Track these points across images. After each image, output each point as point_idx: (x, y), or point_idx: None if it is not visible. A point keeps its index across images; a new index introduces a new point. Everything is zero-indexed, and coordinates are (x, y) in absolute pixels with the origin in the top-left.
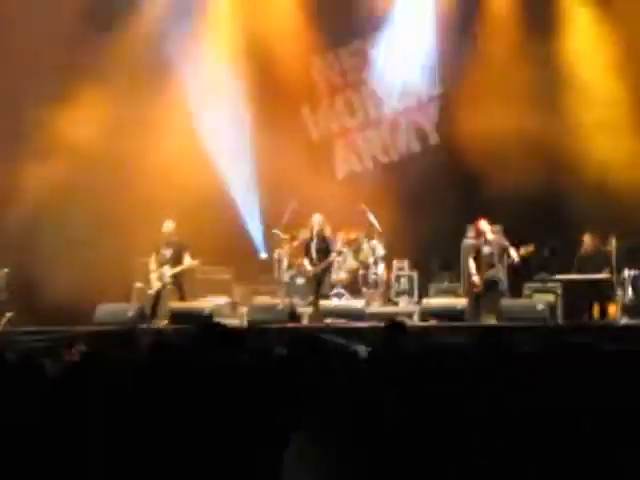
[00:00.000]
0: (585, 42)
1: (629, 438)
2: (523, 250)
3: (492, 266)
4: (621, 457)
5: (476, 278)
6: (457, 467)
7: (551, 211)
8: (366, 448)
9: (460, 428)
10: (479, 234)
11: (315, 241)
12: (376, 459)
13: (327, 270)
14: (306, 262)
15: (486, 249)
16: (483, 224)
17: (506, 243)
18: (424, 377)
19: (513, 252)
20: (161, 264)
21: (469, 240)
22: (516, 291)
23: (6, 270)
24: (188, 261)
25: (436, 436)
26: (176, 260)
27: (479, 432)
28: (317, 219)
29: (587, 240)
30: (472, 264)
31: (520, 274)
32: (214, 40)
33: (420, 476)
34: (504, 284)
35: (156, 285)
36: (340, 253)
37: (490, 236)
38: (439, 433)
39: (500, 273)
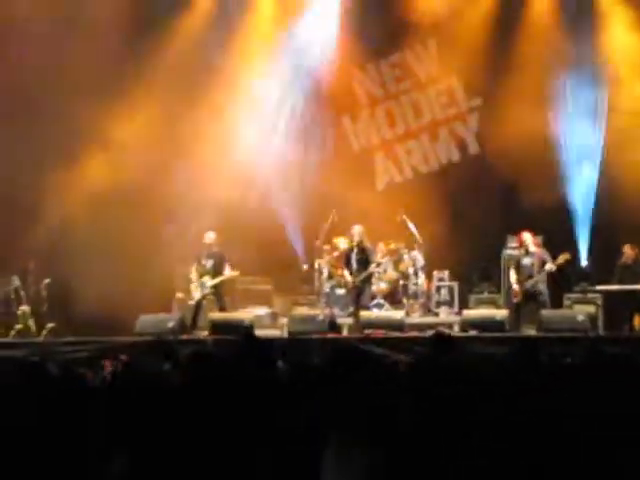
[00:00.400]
0: (623, 42)
1: None
2: (560, 259)
3: (532, 277)
4: None
5: (516, 287)
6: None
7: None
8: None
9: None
10: (521, 245)
11: (355, 252)
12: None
13: (367, 281)
14: (346, 273)
15: (526, 260)
16: (526, 236)
17: (546, 255)
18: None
19: (549, 264)
20: (201, 275)
21: (510, 251)
22: (556, 302)
23: (47, 281)
24: (228, 272)
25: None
26: (217, 271)
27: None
28: (357, 230)
29: (628, 250)
30: (513, 275)
31: (560, 285)
32: (256, 52)
33: None
34: (544, 295)
35: (196, 295)
36: (379, 264)
37: (532, 248)
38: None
39: (540, 284)
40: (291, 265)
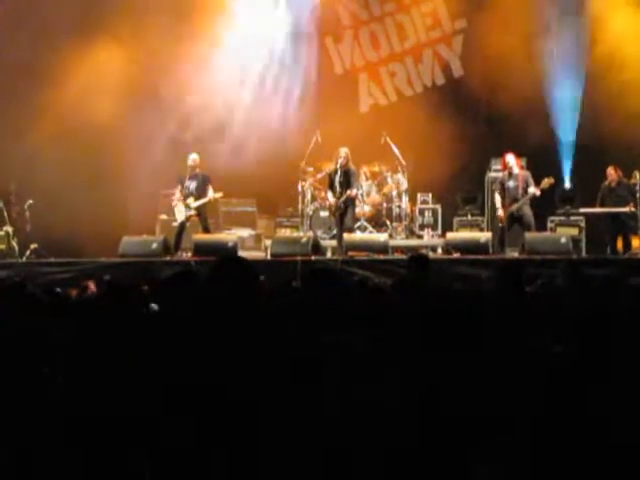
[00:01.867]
0: None
1: None
2: (544, 183)
3: (516, 200)
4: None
5: (501, 212)
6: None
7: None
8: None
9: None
10: (505, 168)
11: (338, 174)
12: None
13: (350, 203)
14: (329, 195)
15: (511, 183)
16: (509, 157)
17: (530, 178)
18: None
19: (532, 188)
20: (185, 197)
21: (494, 174)
22: (540, 224)
23: (30, 201)
24: (212, 193)
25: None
26: (200, 192)
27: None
28: (343, 152)
29: (611, 172)
30: (498, 198)
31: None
32: None
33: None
34: (529, 218)
35: (180, 217)
36: (361, 187)
37: (516, 170)
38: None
39: (525, 207)
40: (275, 187)
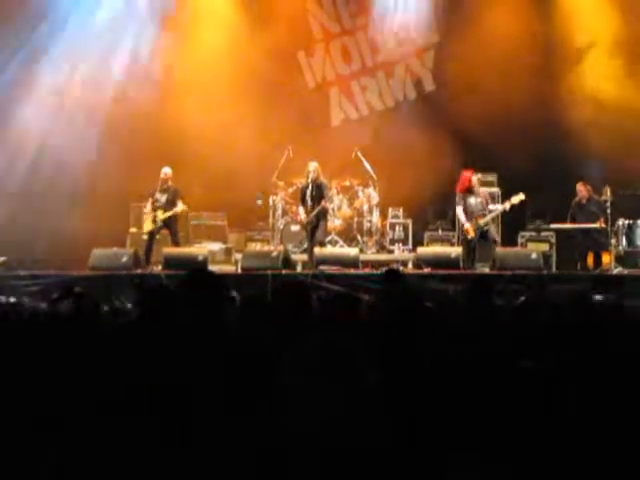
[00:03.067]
0: None
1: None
2: (514, 199)
3: (483, 215)
4: None
5: (467, 226)
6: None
7: (547, 161)
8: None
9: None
10: (464, 186)
11: (310, 188)
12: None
13: (322, 217)
14: (300, 210)
15: (472, 200)
16: (467, 175)
17: (488, 195)
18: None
19: (506, 203)
20: (155, 209)
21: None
22: (510, 240)
23: None
24: (180, 207)
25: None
26: (170, 205)
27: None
28: (313, 166)
29: (580, 189)
30: (461, 213)
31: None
32: None
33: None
34: (494, 233)
35: (148, 228)
36: (332, 201)
37: (476, 187)
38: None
39: (491, 223)
40: (246, 201)
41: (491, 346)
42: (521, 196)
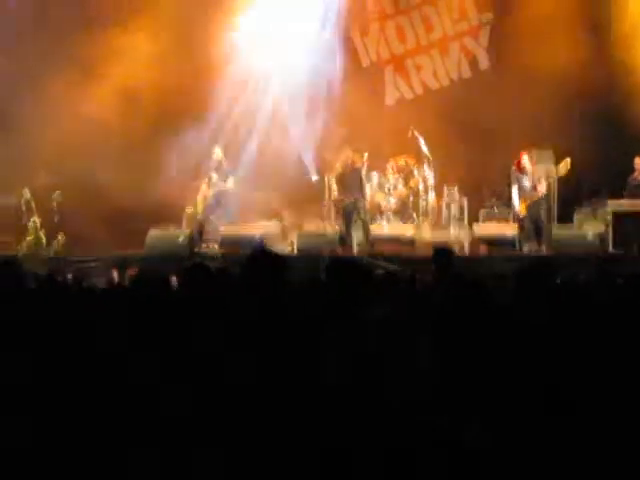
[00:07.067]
0: None
1: None
2: (560, 167)
3: (535, 196)
4: None
5: (518, 209)
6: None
7: (607, 133)
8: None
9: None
10: (519, 169)
11: (347, 175)
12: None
13: (357, 203)
14: (336, 193)
15: (526, 182)
16: (524, 160)
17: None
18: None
19: (543, 183)
20: (209, 188)
21: (512, 172)
22: (566, 217)
23: (58, 192)
24: (230, 183)
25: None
26: (221, 183)
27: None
28: (347, 154)
29: (638, 163)
30: (515, 195)
31: (570, 200)
32: None
33: None
34: (543, 215)
35: (200, 206)
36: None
37: (527, 166)
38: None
39: (541, 207)
40: (302, 179)
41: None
42: (567, 164)
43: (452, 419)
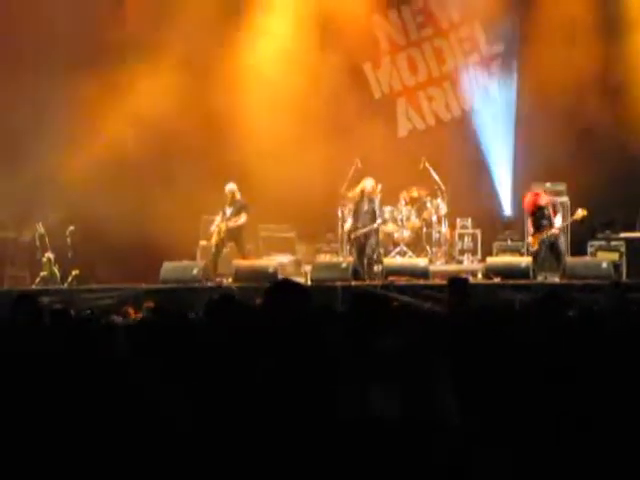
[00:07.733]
0: None
1: None
2: (576, 215)
3: (550, 227)
4: None
5: (531, 239)
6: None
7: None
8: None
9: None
10: (533, 204)
11: (364, 204)
12: None
13: (370, 236)
14: (347, 224)
15: (539, 214)
16: (537, 195)
17: (558, 205)
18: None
19: (560, 221)
20: (223, 222)
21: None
22: (579, 250)
23: (71, 228)
24: (243, 218)
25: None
26: (235, 218)
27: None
28: (369, 183)
29: None
30: (530, 225)
31: (583, 233)
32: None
33: None
34: (562, 244)
35: (214, 240)
36: (385, 222)
37: (544, 201)
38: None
39: (560, 234)
40: (314, 212)
41: (563, 357)
42: (583, 212)
43: (469, 444)
